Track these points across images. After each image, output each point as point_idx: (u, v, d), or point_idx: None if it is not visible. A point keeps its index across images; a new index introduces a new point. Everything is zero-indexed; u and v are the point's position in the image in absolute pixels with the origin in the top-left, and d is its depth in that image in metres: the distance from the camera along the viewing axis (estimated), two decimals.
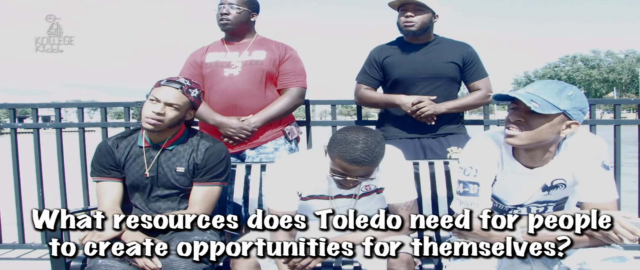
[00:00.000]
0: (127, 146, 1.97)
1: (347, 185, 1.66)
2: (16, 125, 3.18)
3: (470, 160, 1.64)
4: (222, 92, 2.48)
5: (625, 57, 62.74)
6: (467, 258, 1.54)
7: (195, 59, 2.61)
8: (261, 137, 2.50)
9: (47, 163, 3.18)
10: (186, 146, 1.96)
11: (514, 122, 1.49)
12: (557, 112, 1.45)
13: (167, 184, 1.94)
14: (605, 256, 1.46)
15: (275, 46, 2.59)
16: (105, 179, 1.95)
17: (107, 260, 1.67)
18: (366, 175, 1.62)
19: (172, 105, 1.85)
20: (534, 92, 1.47)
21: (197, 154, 1.94)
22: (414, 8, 2.38)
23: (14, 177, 3.16)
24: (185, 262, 1.65)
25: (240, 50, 2.55)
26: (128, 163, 1.96)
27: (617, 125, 2.93)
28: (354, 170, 1.58)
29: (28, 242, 3.23)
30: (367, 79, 2.57)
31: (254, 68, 2.50)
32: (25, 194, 3.19)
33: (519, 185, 1.64)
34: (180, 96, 1.87)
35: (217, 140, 2.04)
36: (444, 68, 2.45)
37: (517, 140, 1.50)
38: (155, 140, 1.95)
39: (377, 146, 1.58)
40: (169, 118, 1.86)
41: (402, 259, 1.61)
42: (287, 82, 2.55)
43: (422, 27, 2.40)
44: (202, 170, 1.93)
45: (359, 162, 1.56)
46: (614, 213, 1.47)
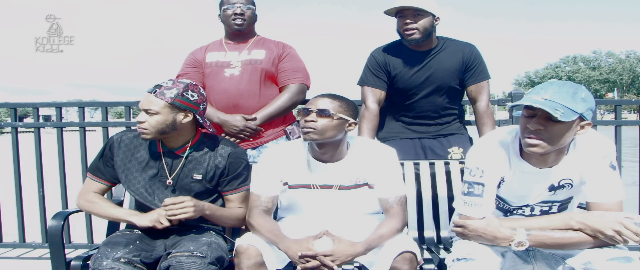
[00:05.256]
0: (139, 147, 1.94)
1: (306, 123, 1.75)
2: (17, 124, 3.17)
3: (477, 160, 1.63)
4: (223, 91, 2.49)
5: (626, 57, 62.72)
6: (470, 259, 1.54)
7: (196, 58, 2.61)
8: (262, 137, 2.50)
9: (48, 162, 3.18)
10: (202, 153, 1.93)
11: (534, 130, 1.46)
12: (575, 117, 1.44)
13: (183, 190, 1.91)
14: (611, 256, 1.46)
15: (273, 45, 2.60)
16: (95, 178, 1.96)
17: (111, 262, 1.66)
18: (324, 109, 1.75)
19: (148, 111, 1.81)
20: (552, 98, 1.43)
21: (219, 160, 1.92)
22: (413, 13, 2.26)
23: (15, 176, 3.16)
24: (196, 264, 1.65)
25: (239, 50, 2.56)
26: (135, 163, 1.92)
27: (618, 126, 2.93)
28: (313, 101, 1.79)
29: (28, 241, 3.23)
30: (375, 82, 2.44)
31: (253, 67, 2.50)
32: (25, 193, 3.19)
33: (527, 185, 1.63)
34: (154, 101, 1.81)
35: (235, 144, 2.06)
36: (446, 78, 2.39)
37: (541, 149, 1.47)
38: (170, 147, 1.92)
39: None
40: (151, 125, 1.81)
41: (405, 258, 1.62)
42: (286, 79, 2.55)
43: (425, 33, 2.28)
44: (229, 178, 1.94)
45: (320, 95, 1.80)
46: (617, 214, 1.47)
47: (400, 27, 2.33)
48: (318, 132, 1.74)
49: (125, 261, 1.67)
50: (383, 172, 1.84)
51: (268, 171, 1.87)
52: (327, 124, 1.74)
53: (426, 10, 2.26)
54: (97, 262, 1.68)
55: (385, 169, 1.85)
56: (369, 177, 1.85)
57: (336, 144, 1.81)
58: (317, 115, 1.74)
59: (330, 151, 1.82)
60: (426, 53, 2.39)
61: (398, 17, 2.34)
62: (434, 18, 2.31)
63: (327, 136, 1.75)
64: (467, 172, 1.64)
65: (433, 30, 2.34)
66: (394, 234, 1.73)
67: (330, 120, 1.74)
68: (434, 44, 2.40)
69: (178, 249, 1.71)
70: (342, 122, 1.77)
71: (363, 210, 1.91)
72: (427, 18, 2.28)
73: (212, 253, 1.71)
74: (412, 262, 1.62)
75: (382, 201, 1.84)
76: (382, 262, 1.63)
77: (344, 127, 1.79)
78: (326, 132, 1.74)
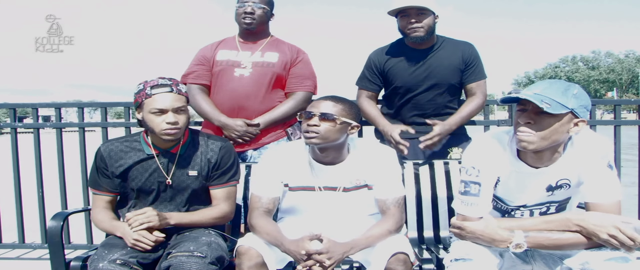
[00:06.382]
0: (130, 152, 1.92)
1: (309, 127, 1.73)
2: (16, 125, 3.18)
3: (472, 160, 1.64)
4: (230, 92, 2.47)
5: (625, 57, 62.75)
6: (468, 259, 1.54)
7: (205, 55, 2.57)
8: (264, 137, 2.49)
9: (47, 163, 3.18)
10: (194, 149, 1.94)
11: (524, 124, 1.49)
12: (566, 111, 1.45)
13: (180, 188, 1.93)
14: (608, 257, 1.46)
15: (288, 49, 2.57)
16: (98, 192, 1.94)
17: (107, 264, 1.66)
18: (327, 113, 1.73)
19: (179, 109, 1.82)
20: (542, 92, 1.46)
21: (211, 154, 1.93)
22: (417, 12, 2.32)
23: (14, 176, 3.16)
24: (196, 264, 1.65)
25: (252, 51, 2.53)
26: (133, 170, 1.91)
27: (617, 125, 2.93)
28: (315, 104, 1.78)
29: (28, 241, 3.23)
30: (368, 85, 2.53)
31: (264, 70, 2.48)
32: (25, 194, 3.19)
33: (524, 185, 1.64)
34: (181, 98, 1.84)
35: (224, 139, 2.05)
36: (446, 75, 2.41)
37: (531, 144, 1.49)
38: (164, 147, 1.91)
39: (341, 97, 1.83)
40: (183, 123, 1.83)
41: (399, 259, 1.62)
42: (294, 85, 2.54)
43: (429, 31, 2.34)
44: (219, 172, 1.94)
45: (322, 98, 1.80)
46: (615, 218, 1.47)
47: (403, 26, 2.38)
48: (321, 137, 1.73)
49: (121, 262, 1.67)
50: (382, 172, 1.84)
51: (269, 172, 1.86)
52: (330, 129, 1.73)
53: (429, 8, 2.32)
54: (93, 263, 1.68)
55: (384, 169, 1.84)
56: (368, 178, 1.85)
57: (338, 147, 1.81)
58: (319, 119, 1.73)
59: (332, 154, 1.82)
60: (426, 51, 2.43)
61: (400, 16, 2.38)
62: (435, 16, 2.37)
63: (329, 140, 1.74)
64: (464, 172, 1.65)
65: (435, 28, 2.40)
66: (387, 235, 1.73)
67: (333, 125, 1.73)
68: (433, 42, 2.44)
69: (178, 249, 1.71)
70: (345, 125, 1.76)
71: (365, 211, 1.90)
72: (430, 17, 2.34)
73: (212, 253, 1.71)
74: (405, 263, 1.63)
75: (379, 202, 1.84)
76: (377, 263, 1.64)
77: (347, 130, 1.78)
78: (329, 136, 1.74)
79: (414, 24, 2.33)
